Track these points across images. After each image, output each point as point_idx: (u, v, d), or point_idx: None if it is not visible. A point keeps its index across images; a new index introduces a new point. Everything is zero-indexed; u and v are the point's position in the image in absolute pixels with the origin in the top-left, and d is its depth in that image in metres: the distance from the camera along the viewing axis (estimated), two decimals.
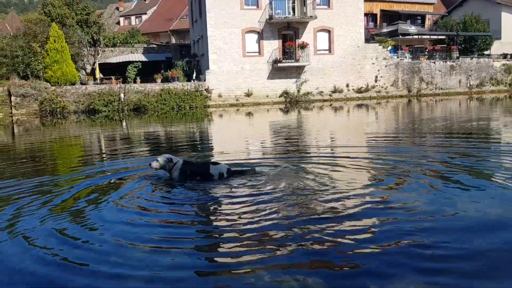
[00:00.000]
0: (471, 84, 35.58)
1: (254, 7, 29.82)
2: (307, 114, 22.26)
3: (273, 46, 30.36)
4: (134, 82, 30.06)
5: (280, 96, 30.70)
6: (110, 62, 34.04)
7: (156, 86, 28.29)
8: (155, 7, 57.97)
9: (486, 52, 40.16)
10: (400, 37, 37.60)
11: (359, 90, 32.15)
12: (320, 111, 23.81)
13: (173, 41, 48.01)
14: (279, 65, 30.14)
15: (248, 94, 30.00)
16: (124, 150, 10.97)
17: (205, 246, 3.89)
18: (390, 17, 43.65)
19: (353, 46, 31.82)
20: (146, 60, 33.81)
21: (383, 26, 42.21)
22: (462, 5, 45.52)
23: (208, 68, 29.54)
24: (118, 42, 38.73)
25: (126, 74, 32.21)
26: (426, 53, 36.29)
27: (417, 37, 39.14)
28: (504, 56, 38.48)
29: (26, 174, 7.59)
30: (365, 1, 33.65)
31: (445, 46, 38.16)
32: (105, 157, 10.13)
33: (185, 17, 48.72)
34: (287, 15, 30.21)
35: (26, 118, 24.94)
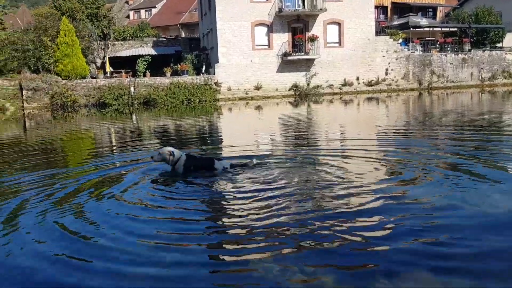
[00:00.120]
0: (483, 77, 35.15)
1: (264, 0, 29.67)
2: (317, 108, 22.15)
3: (282, 39, 30.22)
4: (144, 75, 30.16)
5: (289, 89, 30.59)
6: (120, 55, 34.16)
7: (165, 80, 28.35)
8: (165, 1, 57.93)
9: (498, 44, 39.63)
10: (411, 29, 37.24)
11: (369, 83, 31.93)
12: (330, 105, 23.68)
13: (182, 34, 47.97)
14: (289, 58, 30.00)
15: (257, 88, 29.94)
16: (134, 143, 10.99)
17: (213, 241, 3.85)
18: (401, 9, 43.26)
19: (363, 38, 31.55)
20: (156, 53, 33.86)
21: (394, 19, 41.84)
22: None
23: (217, 61, 29.50)
24: (128, 35, 38.82)
25: (136, 68, 32.35)
26: (437, 45, 35.89)
27: (428, 29, 38.75)
28: None
29: (37, 166, 7.63)
30: None
31: (456, 38, 37.71)
32: (115, 150, 10.17)
33: (194, 10, 48.66)
34: (297, 8, 30.05)
35: (38, 112, 25.13)
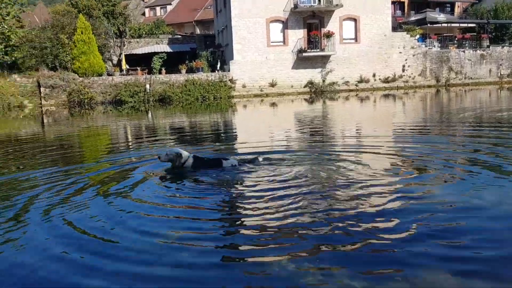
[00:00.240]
0: (502, 73, 34.52)
1: None
2: (333, 105, 22.01)
3: (297, 36, 30.06)
4: (159, 73, 30.31)
5: (304, 86, 30.44)
6: (136, 53, 34.41)
7: (180, 77, 28.45)
8: None
9: None
10: (428, 25, 36.69)
11: (386, 80, 31.60)
12: (345, 101, 23.51)
13: (197, 31, 48.10)
14: (304, 54, 29.84)
15: (272, 84, 29.86)
16: (149, 140, 11.06)
17: (228, 237, 3.84)
18: (418, 4, 42.72)
19: (379, 34, 31.22)
20: (171, 51, 34.01)
21: (411, 14, 41.34)
22: None
23: (232, 58, 29.50)
24: (144, 33, 39.09)
25: (152, 65, 32.54)
26: (455, 41, 35.32)
27: (446, 25, 38.15)
28: None
29: (52, 162, 7.75)
30: None
31: (475, 34, 37.10)
32: (130, 146, 10.23)
33: (209, 7, 48.72)
34: (312, 4, 29.88)
35: (55, 109, 25.46)
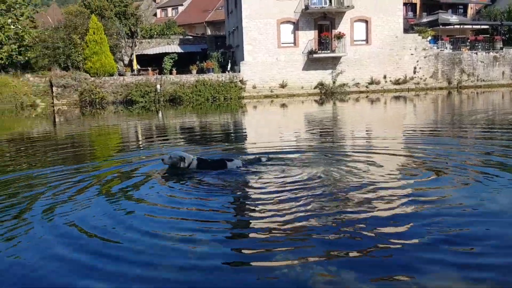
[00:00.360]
0: None
1: None
2: (343, 106, 21.93)
3: (308, 37, 30.01)
4: (170, 73, 30.45)
5: (315, 87, 30.37)
6: (147, 53, 34.60)
7: (191, 78, 28.55)
8: None
9: None
10: (440, 27, 36.42)
11: (397, 82, 31.41)
12: (356, 103, 23.41)
13: (208, 32, 48.25)
14: (315, 56, 29.79)
15: (282, 86, 29.85)
16: (159, 140, 11.12)
17: (234, 240, 3.85)
18: (430, 6, 42.39)
19: (391, 36, 31.05)
20: (182, 51, 34.14)
21: (423, 16, 41.04)
22: None
23: (243, 59, 29.54)
24: (155, 33, 39.27)
25: (163, 66, 32.71)
26: (467, 43, 35.00)
27: (458, 27, 37.82)
28: None
29: (62, 160, 7.83)
30: None
31: (488, 36, 36.69)
32: (140, 145, 10.30)
33: (220, 8, 48.86)
34: (323, 5, 29.81)
35: (67, 108, 25.69)
